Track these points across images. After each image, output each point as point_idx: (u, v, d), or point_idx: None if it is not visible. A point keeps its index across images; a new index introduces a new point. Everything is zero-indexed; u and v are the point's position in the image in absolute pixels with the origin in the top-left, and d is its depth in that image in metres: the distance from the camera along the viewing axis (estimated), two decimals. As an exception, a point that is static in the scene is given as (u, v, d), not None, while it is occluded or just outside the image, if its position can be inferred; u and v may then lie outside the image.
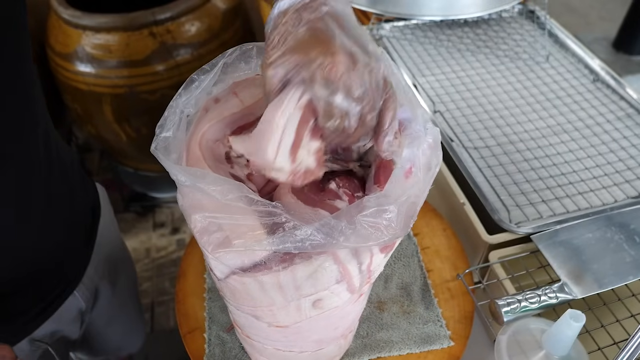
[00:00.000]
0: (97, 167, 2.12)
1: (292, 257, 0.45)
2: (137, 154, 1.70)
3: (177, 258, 1.90)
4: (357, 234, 0.42)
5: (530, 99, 1.00)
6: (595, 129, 0.93)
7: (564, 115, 0.96)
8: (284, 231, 0.42)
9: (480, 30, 1.19)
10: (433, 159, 0.46)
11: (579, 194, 0.81)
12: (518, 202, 0.79)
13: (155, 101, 1.47)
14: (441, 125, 0.92)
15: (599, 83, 1.04)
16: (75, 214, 0.74)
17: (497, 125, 0.93)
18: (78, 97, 1.52)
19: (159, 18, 1.40)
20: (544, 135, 0.92)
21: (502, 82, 1.04)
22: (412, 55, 1.11)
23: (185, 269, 0.75)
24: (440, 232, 0.79)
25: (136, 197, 2.02)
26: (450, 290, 0.72)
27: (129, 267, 1.01)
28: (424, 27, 1.19)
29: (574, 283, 0.67)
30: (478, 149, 0.88)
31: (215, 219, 0.44)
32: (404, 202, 0.42)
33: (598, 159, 0.87)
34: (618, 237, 0.73)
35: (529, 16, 1.22)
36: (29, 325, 0.69)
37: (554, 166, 0.86)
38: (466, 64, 1.09)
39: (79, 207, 0.75)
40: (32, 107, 0.61)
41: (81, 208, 0.76)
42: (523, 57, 1.10)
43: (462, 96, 1.00)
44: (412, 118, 0.47)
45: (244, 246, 0.43)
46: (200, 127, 0.51)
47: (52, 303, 0.71)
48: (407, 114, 0.48)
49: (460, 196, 0.80)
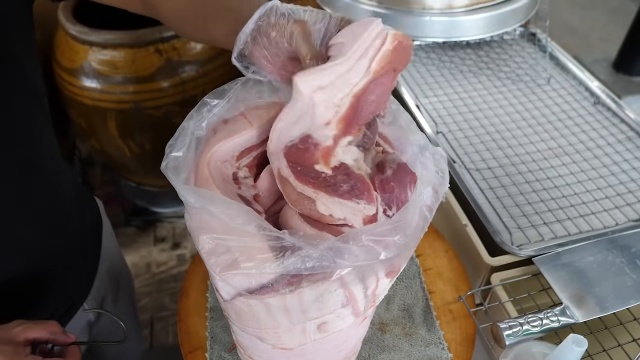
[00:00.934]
0: (99, 181, 2.12)
1: (299, 280, 0.45)
2: (140, 169, 1.71)
3: (177, 273, 1.89)
4: (365, 251, 0.42)
5: (532, 120, 1.01)
6: (596, 152, 0.94)
7: (565, 137, 0.97)
8: (292, 253, 0.42)
9: (483, 52, 1.20)
10: (441, 186, 0.46)
11: (580, 216, 0.82)
12: (520, 224, 0.80)
13: (159, 117, 1.48)
14: (443, 146, 0.93)
15: (600, 106, 1.05)
16: (83, 224, 0.75)
17: (499, 147, 0.94)
18: (83, 112, 1.53)
19: (165, 35, 1.41)
20: (545, 157, 0.93)
21: (504, 104, 1.05)
22: (415, 76, 1.12)
23: (188, 287, 0.75)
24: (443, 254, 0.79)
25: (137, 212, 2.02)
26: (452, 313, 0.72)
27: (128, 281, 1.01)
28: (427, 49, 1.20)
29: (575, 306, 0.67)
30: (480, 170, 0.89)
31: (224, 240, 0.44)
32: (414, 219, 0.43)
33: (599, 181, 0.88)
34: (619, 261, 0.74)
35: (530, 39, 1.24)
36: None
37: (555, 188, 0.87)
38: (468, 85, 1.10)
39: (86, 216, 0.76)
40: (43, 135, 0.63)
41: (87, 219, 0.77)
42: (524, 79, 1.11)
43: (464, 117, 1.01)
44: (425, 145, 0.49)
45: (253, 268, 0.44)
46: (208, 147, 0.52)
47: (63, 315, 0.72)
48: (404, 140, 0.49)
49: (462, 218, 0.80)
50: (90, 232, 0.79)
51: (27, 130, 0.60)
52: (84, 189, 0.78)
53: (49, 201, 0.65)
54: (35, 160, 0.62)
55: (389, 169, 0.48)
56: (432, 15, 1.13)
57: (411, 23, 1.13)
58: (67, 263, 0.71)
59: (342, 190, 0.45)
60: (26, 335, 0.55)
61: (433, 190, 0.46)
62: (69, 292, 0.73)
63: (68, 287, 0.72)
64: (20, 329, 0.55)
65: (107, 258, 0.83)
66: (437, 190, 0.46)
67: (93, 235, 0.80)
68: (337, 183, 0.45)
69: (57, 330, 0.59)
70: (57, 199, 0.67)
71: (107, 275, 0.83)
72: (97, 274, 0.79)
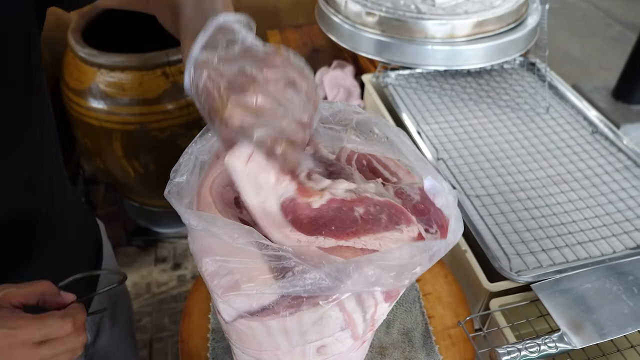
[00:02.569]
0: (102, 200, 2.14)
1: (300, 303, 0.46)
2: (144, 189, 1.72)
3: (177, 294, 1.89)
4: (365, 277, 0.43)
5: (531, 148, 1.02)
6: (594, 180, 0.95)
7: (563, 165, 0.98)
8: (293, 275, 0.43)
9: (483, 80, 1.23)
10: (457, 229, 0.48)
11: (578, 243, 0.83)
12: (518, 250, 0.81)
13: (164, 139, 1.50)
14: (444, 173, 0.94)
15: (598, 135, 1.06)
16: (84, 243, 0.76)
17: (499, 174, 0.95)
18: (89, 132, 1.55)
19: (172, 59, 1.44)
20: (544, 184, 0.94)
21: (504, 132, 1.07)
22: (416, 103, 1.14)
23: (191, 308, 0.76)
24: (442, 279, 0.80)
25: (139, 232, 2.03)
26: (452, 337, 0.73)
27: (127, 302, 1.01)
28: (428, 76, 1.23)
29: (573, 333, 0.68)
30: (480, 197, 0.90)
31: (226, 262, 0.45)
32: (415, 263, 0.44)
33: (597, 209, 0.89)
34: (617, 288, 0.74)
35: (530, 68, 1.26)
36: None
37: (553, 215, 0.88)
38: (469, 113, 1.12)
39: (86, 236, 0.77)
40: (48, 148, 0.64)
41: (88, 238, 0.78)
42: (524, 108, 1.13)
43: (464, 144, 1.03)
44: (439, 188, 0.50)
45: (254, 290, 0.44)
46: (211, 172, 0.53)
47: None
48: (433, 183, 0.50)
49: (462, 243, 0.81)
50: (89, 252, 0.79)
51: (33, 140, 0.61)
52: (85, 208, 0.79)
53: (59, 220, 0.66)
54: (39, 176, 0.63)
55: (415, 195, 0.50)
56: (434, 44, 1.15)
57: (414, 51, 1.16)
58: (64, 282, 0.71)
59: (384, 221, 0.46)
60: (10, 301, 0.49)
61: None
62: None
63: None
64: (1, 295, 0.49)
65: (106, 279, 0.84)
66: (447, 245, 0.47)
67: (93, 255, 0.80)
68: (375, 217, 0.46)
69: (48, 292, 0.52)
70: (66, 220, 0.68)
71: (105, 296, 0.83)
72: (96, 297, 0.79)
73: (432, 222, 0.48)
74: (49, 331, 0.48)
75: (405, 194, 0.50)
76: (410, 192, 0.50)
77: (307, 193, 0.46)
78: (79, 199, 0.78)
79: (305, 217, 0.46)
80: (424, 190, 0.51)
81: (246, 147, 0.44)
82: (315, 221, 0.46)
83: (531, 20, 1.26)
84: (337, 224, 0.46)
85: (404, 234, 0.46)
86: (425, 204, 0.49)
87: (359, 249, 0.46)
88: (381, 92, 1.18)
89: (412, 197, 0.50)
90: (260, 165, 0.45)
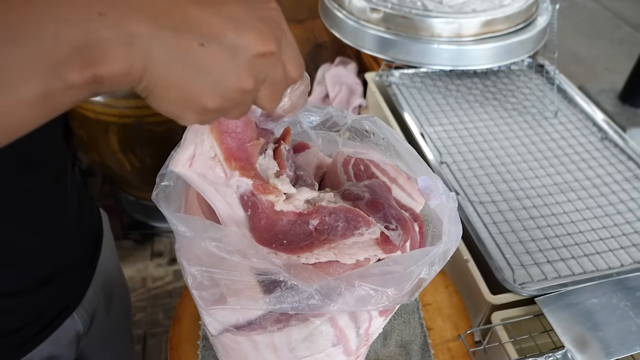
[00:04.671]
0: (99, 192, 2.11)
1: (288, 318, 0.44)
2: (140, 183, 1.70)
3: (172, 289, 1.87)
4: (356, 297, 0.40)
5: (538, 154, 0.99)
6: (602, 189, 0.92)
7: (571, 173, 0.95)
8: (281, 290, 0.41)
9: (490, 81, 1.19)
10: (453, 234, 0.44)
11: (584, 255, 0.79)
12: (523, 261, 0.78)
13: (160, 133, 1.47)
14: (447, 177, 0.91)
15: (607, 141, 1.03)
16: (82, 231, 0.73)
17: (504, 180, 0.92)
18: (85, 125, 1.52)
19: (171, 51, 1.42)
20: (550, 192, 0.91)
21: (510, 136, 1.03)
22: (420, 103, 1.11)
23: (181, 313, 0.73)
24: (443, 289, 0.77)
25: (136, 225, 2.00)
26: (451, 351, 0.70)
27: (125, 294, 0.99)
28: (433, 76, 1.19)
29: (578, 350, 0.65)
30: (484, 203, 0.87)
31: (212, 273, 0.43)
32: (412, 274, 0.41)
33: (605, 220, 0.86)
34: (624, 304, 0.72)
35: (539, 70, 1.23)
36: (24, 347, 0.66)
37: (560, 225, 0.84)
38: (474, 115, 1.09)
39: (85, 224, 0.74)
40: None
41: (87, 226, 0.76)
42: (531, 111, 1.10)
43: (469, 148, 0.99)
44: (433, 187, 0.47)
45: (239, 304, 0.42)
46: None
47: (50, 324, 0.69)
48: (427, 183, 0.47)
49: (464, 252, 0.78)
50: (87, 241, 0.76)
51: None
52: (84, 194, 0.77)
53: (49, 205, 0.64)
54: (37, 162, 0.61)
55: (364, 193, 0.47)
56: (440, 43, 1.12)
57: (419, 50, 1.12)
58: (59, 270, 0.69)
59: (340, 229, 0.43)
60: None
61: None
62: (58, 299, 0.70)
63: (57, 293, 0.70)
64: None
65: (104, 270, 0.81)
66: (446, 251, 0.43)
67: (90, 244, 0.77)
68: (331, 226, 0.43)
69: None
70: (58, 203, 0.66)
71: (101, 287, 0.81)
72: (91, 285, 0.77)
73: (390, 217, 0.44)
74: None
75: (354, 194, 0.47)
76: (357, 191, 0.47)
77: (264, 189, 0.41)
78: (80, 185, 0.76)
79: (264, 218, 0.42)
80: (372, 186, 0.48)
81: (186, 148, 0.41)
82: (271, 228, 0.42)
83: (541, 21, 1.22)
84: (290, 237, 0.42)
85: (365, 236, 0.43)
86: (377, 200, 0.46)
87: (311, 265, 0.42)
88: (384, 91, 1.15)
89: (361, 196, 0.46)
90: (205, 163, 0.41)
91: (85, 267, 0.76)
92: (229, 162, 0.41)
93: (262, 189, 0.41)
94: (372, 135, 0.51)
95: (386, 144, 0.50)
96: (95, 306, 0.80)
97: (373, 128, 0.49)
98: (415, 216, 0.50)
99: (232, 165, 0.41)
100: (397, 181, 0.54)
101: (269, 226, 0.42)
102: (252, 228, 0.42)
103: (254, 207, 0.42)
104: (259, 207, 0.42)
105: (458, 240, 0.44)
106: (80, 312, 0.74)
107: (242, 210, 0.42)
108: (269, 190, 0.41)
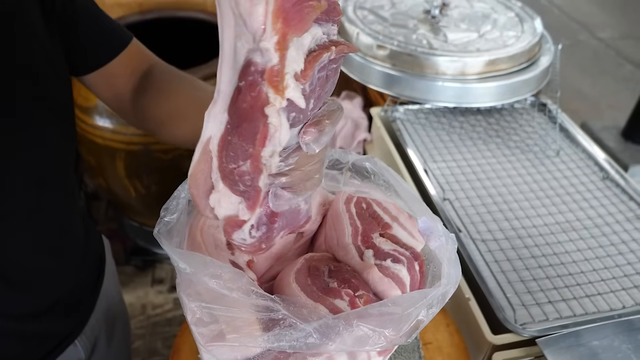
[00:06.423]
0: (103, 216, 2.12)
1: (287, 357, 0.44)
2: (145, 209, 1.71)
3: (172, 317, 1.86)
4: (354, 337, 0.41)
5: (540, 193, 1.00)
6: (604, 229, 0.92)
7: (573, 212, 0.95)
8: (280, 328, 0.41)
9: (493, 119, 1.20)
10: (452, 276, 0.45)
11: (586, 296, 0.79)
12: (524, 300, 0.78)
13: (167, 161, 1.49)
14: (449, 214, 0.91)
15: (609, 181, 1.04)
16: (88, 255, 0.74)
17: (506, 218, 0.92)
18: (93, 150, 1.54)
19: (180, 81, 1.44)
20: (552, 232, 0.91)
21: (513, 174, 1.04)
22: (424, 139, 1.12)
23: (180, 346, 0.73)
24: (444, 328, 0.77)
25: (138, 251, 2.00)
26: (450, 391, 0.69)
27: (125, 322, 0.99)
28: (437, 113, 1.21)
29: (579, 395, 0.64)
30: (485, 241, 0.87)
31: (211, 310, 0.43)
32: (411, 315, 0.41)
33: (606, 260, 0.86)
34: (625, 347, 0.71)
35: (541, 109, 1.24)
36: None
37: (561, 265, 0.84)
38: (477, 152, 1.10)
39: (90, 249, 0.75)
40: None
41: (92, 251, 0.76)
42: (534, 150, 1.11)
43: (471, 185, 1.00)
44: (433, 228, 0.47)
45: (238, 341, 0.42)
46: (202, 213, 0.51)
47: (52, 351, 0.69)
48: (428, 225, 0.48)
49: (465, 290, 0.78)
50: (91, 267, 0.77)
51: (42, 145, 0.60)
52: (90, 223, 0.78)
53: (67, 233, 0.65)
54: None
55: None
56: (444, 81, 1.14)
57: (424, 87, 1.14)
58: (65, 294, 0.69)
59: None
60: None
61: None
62: (61, 326, 0.70)
63: (61, 319, 0.70)
64: None
65: (106, 297, 0.81)
66: (444, 293, 0.44)
67: (94, 270, 0.78)
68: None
69: None
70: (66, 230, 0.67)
71: (103, 314, 0.81)
72: (94, 312, 0.77)
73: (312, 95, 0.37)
74: None
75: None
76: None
77: (277, 75, 0.33)
78: (84, 210, 0.77)
79: (246, 105, 0.35)
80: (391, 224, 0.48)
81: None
82: (243, 123, 0.37)
83: (544, 60, 1.24)
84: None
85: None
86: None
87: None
88: (389, 126, 1.16)
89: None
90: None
91: (88, 293, 0.76)
92: (275, 19, 0.32)
93: (276, 73, 0.34)
94: (372, 176, 0.52)
95: (386, 185, 0.51)
96: (97, 334, 0.80)
97: (374, 169, 0.50)
98: (415, 255, 0.51)
99: (277, 25, 0.32)
100: (398, 219, 0.54)
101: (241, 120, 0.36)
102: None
103: (247, 86, 0.35)
104: (249, 93, 0.35)
105: (457, 282, 0.45)
106: (82, 340, 0.74)
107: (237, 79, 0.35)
108: (277, 81, 0.34)
